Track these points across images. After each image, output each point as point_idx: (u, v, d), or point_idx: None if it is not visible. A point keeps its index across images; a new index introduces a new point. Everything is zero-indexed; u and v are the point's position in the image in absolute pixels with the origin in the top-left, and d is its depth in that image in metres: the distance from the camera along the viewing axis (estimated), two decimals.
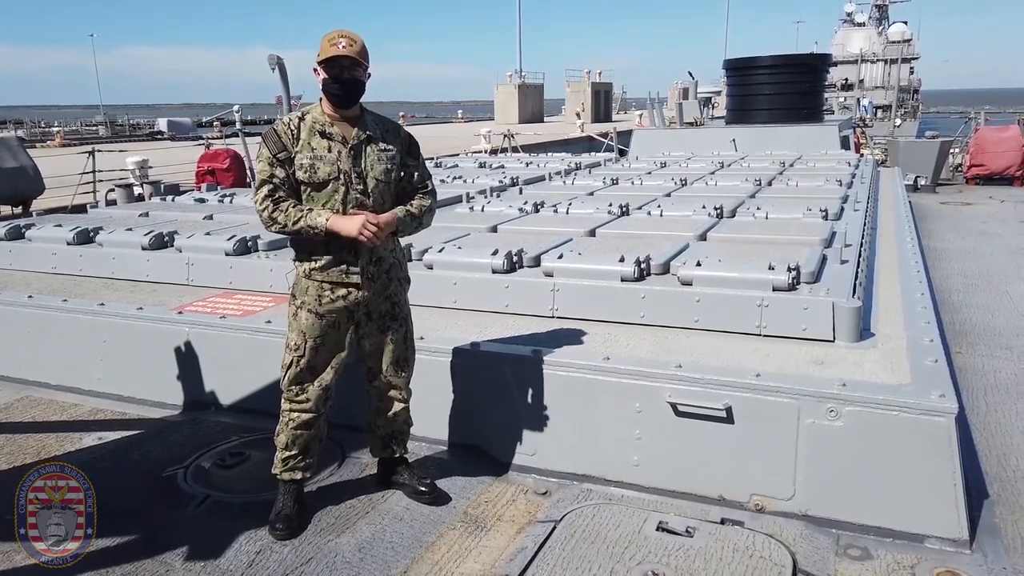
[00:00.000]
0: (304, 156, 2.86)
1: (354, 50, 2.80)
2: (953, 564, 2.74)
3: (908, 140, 16.12)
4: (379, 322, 3.09)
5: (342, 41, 2.80)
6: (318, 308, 2.96)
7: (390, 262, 3.05)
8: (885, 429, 2.87)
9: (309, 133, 2.88)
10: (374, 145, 2.94)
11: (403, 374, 3.19)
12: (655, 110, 19.34)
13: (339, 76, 2.82)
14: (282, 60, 12.54)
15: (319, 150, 2.87)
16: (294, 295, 3.02)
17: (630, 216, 5.78)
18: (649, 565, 2.70)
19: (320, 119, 2.90)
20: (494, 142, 21.42)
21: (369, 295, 2.99)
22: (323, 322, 2.97)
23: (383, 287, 3.04)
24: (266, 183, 2.87)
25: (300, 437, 3.06)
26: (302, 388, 3.02)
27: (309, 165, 2.85)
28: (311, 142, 2.87)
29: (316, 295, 2.95)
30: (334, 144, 2.88)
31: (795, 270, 3.74)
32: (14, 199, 12.16)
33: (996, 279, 6.54)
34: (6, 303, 4.80)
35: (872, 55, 51.69)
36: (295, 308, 3.00)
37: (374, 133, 2.96)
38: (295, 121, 2.91)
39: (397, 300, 3.13)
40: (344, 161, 2.88)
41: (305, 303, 2.97)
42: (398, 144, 3.02)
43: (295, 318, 3.00)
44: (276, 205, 2.85)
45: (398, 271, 3.11)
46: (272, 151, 2.86)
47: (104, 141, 30.52)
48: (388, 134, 3.02)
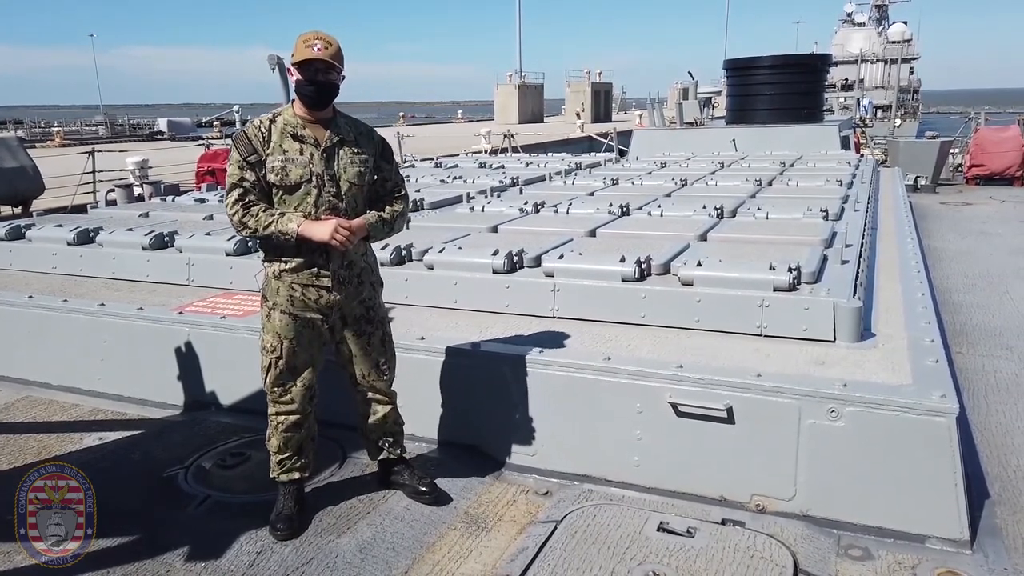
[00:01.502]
0: (276, 159, 2.82)
1: (328, 53, 2.78)
2: (954, 564, 2.74)
3: (908, 140, 16.13)
4: (355, 327, 3.07)
5: (317, 43, 2.78)
6: (291, 309, 2.94)
7: (361, 266, 3.03)
8: (886, 429, 2.87)
9: (281, 135, 2.85)
10: (347, 148, 2.92)
11: (384, 377, 3.17)
12: (655, 110, 19.33)
13: (313, 78, 2.80)
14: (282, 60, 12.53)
15: (291, 152, 2.84)
16: (265, 296, 2.99)
17: (630, 216, 5.78)
18: (650, 565, 2.70)
19: (292, 121, 2.88)
20: (494, 142, 21.42)
21: (341, 298, 2.98)
22: (297, 322, 2.95)
23: (356, 291, 3.02)
24: (236, 187, 2.84)
25: (292, 439, 3.05)
26: (284, 389, 3.01)
27: (281, 168, 2.82)
28: (283, 144, 2.84)
29: (288, 296, 2.93)
30: (306, 147, 2.85)
31: (796, 270, 3.74)
32: (14, 199, 12.16)
33: (996, 279, 6.54)
34: (6, 303, 4.79)
35: (872, 55, 51.72)
36: (267, 309, 2.97)
37: (347, 136, 2.94)
38: (266, 123, 2.88)
39: (371, 304, 3.11)
40: (316, 164, 2.85)
41: (277, 304, 2.94)
42: (371, 147, 3.00)
43: (268, 319, 2.97)
44: (246, 210, 2.82)
45: (369, 275, 3.09)
46: (242, 154, 2.83)
47: (104, 141, 30.53)
48: (361, 137, 2.99)
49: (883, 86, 48.38)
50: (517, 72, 47.62)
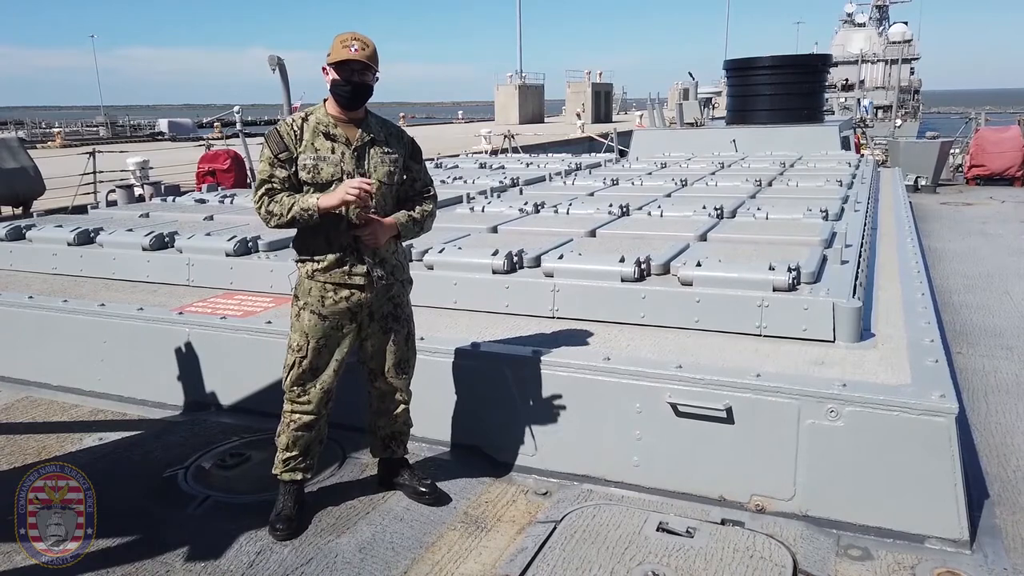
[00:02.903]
0: (307, 157, 2.86)
1: (365, 54, 2.81)
2: (953, 564, 2.74)
3: (908, 140, 16.11)
4: (381, 323, 3.09)
5: (355, 44, 2.81)
6: (321, 309, 2.96)
7: (393, 264, 3.06)
8: (885, 429, 2.87)
9: (313, 134, 2.89)
10: (378, 148, 2.95)
11: (404, 376, 3.19)
12: (655, 111, 19.32)
13: (349, 78, 2.83)
14: (282, 61, 12.56)
15: (323, 151, 2.87)
16: (296, 296, 3.02)
17: (630, 216, 5.78)
18: (649, 565, 2.70)
19: (324, 120, 2.91)
20: (494, 143, 21.42)
21: (372, 296, 3.00)
22: (326, 323, 2.97)
23: (386, 288, 3.04)
24: (265, 183, 2.88)
25: (301, 439, 3.06)
26: (304, 389, 3.02)
27: (312, 166, 2.86)
28: (315, 143, 2.88)
29: (319, 296, 2.95)
30: (338, 145, 2.89)
31: (795, 270, 3.74)
32: (15, 200, 12.16)
33: (996, 279, 6.54)
34: (7, 304, 4.80)
35: (872, 55, 51.70)
36: (298, 309, 3.00)
37: (378, 136, 2.97)
38: (298, 122, 2.92)
39: (400, 301, 3.13)
40: (348, 163, 2.88)
41: (308, 304, 2.97)
42: (401, 148, 3.03)
43: (298, 319, 3.00)
44: (271, 198, 2.85)
45: (400, 272, 3.11)
46: (274, 151, 2.87)
47: (105, 142, 30.53)
48: (392, 137, 3.03)
49: (883, 86, 48.37)
50: (517, 72, 47.61)
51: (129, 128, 46.79)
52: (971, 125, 17.87)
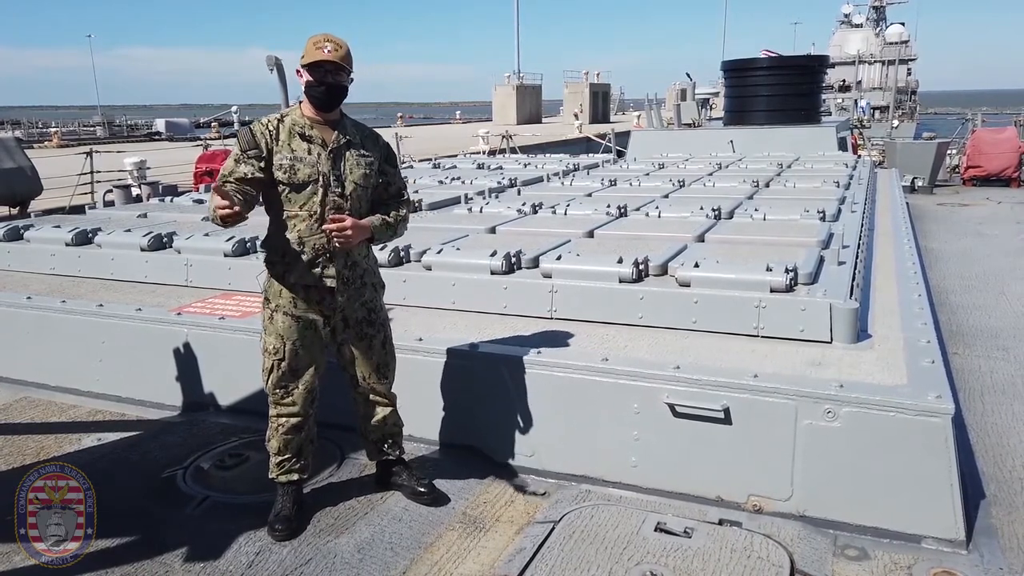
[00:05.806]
0: (284, 157, 2.85)
1: (338, 55, 2.82)
2: (950, 564, 2.75)
3: (905, 141, 16.16)
4: (356, 329, 3.08)
5: (327, 45, 2.82)
6: (294, 311, 2.95)
7: (364, 267, 3.05)
8: (882, 430, 2.88)
9: (289, 135, 2.88)
10: (353, 150, 2.95)
11: (385, 380, 3.19)
12: (653, 111, 19.34)
13: (323, 80, 2.83)
14: (280, 61, 12.54)
15: (299, 151, 2.87)
16: (267, 298, 3.00)
17: (628, 217, 5.79)
18: (647, 566, 2.71)
19: (300, 121, 2.91)
20: (492, 143, 21.42)
21: (344, 300, 2.99)
22: (300, 324, 2.96)
23: (358, 293, 3.04)
24: (223, 178, 2.81)
25: (291, 441, 3.06)
26: (287, 391, 3.01)
27: (289, 166, 2.85)
28: (291, 143, 2.87)
29: (291, 298, 2.94)
30: (313, 147, 2.88)
31: (792, 271, 3.75)
32: (12, 200, 12.13)
33: (993, 280, 6.56)
34: (5, 304, 4.80)
35: (870, 56, 51.84)
36: (270, 311, 2.98)
37: (354, 138, 2.97)
38: (274, 122, 2.91)
39: (373, 306, 3.12)
40: (323, 164, 2.88)
41: (280, 306, 2.96)
42: (377, 151, 3.04)
43: (271, 321, 2.98)
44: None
45: (371, 276, 3.11)
46: (242, 147, 2.83)
47: (102, 142, 30.49)
48: (367, 140, 3.04)
49: (881, 87, 48.48)
50: (515, 73, 47.59)
51: (126, 128, 46.70)
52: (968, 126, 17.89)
